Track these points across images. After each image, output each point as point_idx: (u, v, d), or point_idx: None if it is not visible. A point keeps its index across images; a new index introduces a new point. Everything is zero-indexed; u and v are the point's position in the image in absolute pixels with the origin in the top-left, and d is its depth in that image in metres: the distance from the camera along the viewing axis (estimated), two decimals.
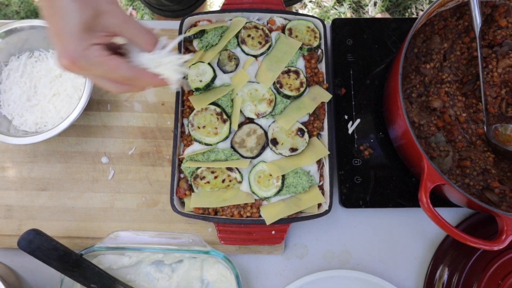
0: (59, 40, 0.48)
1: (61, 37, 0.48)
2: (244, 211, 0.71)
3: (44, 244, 0.62)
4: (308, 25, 0.79)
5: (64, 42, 0.48)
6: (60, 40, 0.48)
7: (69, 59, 0.49)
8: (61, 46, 0.48)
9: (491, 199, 0.68)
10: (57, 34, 0.48)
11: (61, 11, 0.47)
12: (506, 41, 0.74)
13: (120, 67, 0.52)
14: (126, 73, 0.52)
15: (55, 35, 0.48)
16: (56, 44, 0.49)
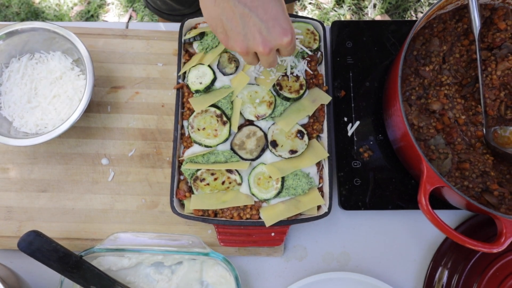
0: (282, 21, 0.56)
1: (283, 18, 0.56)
2: (243, 213, 0.71)
3: (44, 245, 0.62)
4: (307, 28, 0.79)
5: (287, 22, 0.56)
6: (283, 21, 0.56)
7: (291, 36, 0.56)
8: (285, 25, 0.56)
9: (490, 201, 0.68)
10: (279, 16, 0.55)
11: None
12: (505, 43, 0.74)
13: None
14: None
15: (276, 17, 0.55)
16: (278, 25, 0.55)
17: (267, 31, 0.56)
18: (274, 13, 0.55)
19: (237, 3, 0.54)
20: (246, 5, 0.54)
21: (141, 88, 0.83)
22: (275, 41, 0.57)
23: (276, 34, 0.56)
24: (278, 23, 0.55)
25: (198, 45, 0.77)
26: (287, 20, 0.56)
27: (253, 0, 0.54)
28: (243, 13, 0.54)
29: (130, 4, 1.91)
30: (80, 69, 0.80)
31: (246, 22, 0.55)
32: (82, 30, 0.85)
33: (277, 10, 0.55)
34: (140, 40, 0.85)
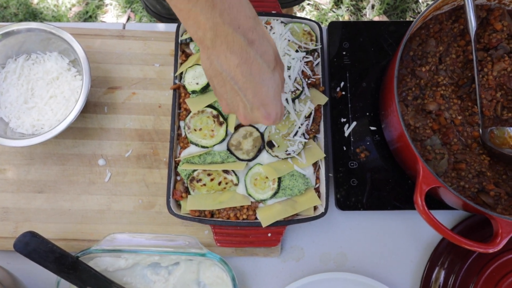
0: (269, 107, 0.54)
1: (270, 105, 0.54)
2: (240, 213, 0.71)
3: (40, 246, 0.62)
4: (304, 28, 0.79)
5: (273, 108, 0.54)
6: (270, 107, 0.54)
7: (273, 120, 0.55)
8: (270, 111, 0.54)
9: (486, 201, 0.68)
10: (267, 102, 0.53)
11: (269, 82, 0.52)
12: (501, 44, 0.74)
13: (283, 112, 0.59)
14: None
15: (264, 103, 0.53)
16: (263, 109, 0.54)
17: (250, 110, 0.54)
18: (263, 98, 0.53)
19: (229, 78, 0.51)
20: (237, 83, 0.51)
21: (138, 89, 0.83)
22: (256, 120, 0.56)
23: (258, 116, 0.55)
24: (264, 108, 0.54)
25: (195, 46, 0.77)
26: (274, 105, 0.54)
27: (245, 81, 0.51)
28: (232, 88, 0.52)
29: (128, 5, 1.91)
30: (77, 70, 0.80)
31: (233, 95, 0.53)
32: (78, 30, 0.85)
33: (267, 95, 0.53)
34: (137, 40, 0.85)
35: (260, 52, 0.50)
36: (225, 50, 0.49)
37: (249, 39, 0.49)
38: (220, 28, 0.47)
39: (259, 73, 0.51)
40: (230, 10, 0.47)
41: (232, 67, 0.50)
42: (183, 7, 0.47)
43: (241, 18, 0.48)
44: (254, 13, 0.50)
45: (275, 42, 0.76)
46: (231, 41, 0.48)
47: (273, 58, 0.52)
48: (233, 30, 0.47)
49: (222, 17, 0.47)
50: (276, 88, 0.54)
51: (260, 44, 0.50)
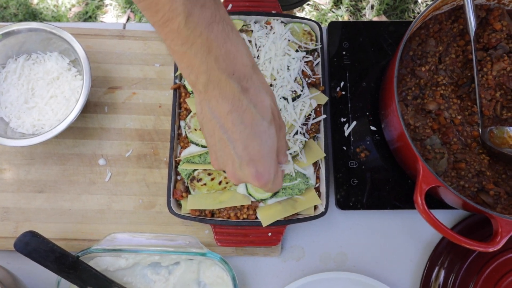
0: (260, 164, 0.49)
1: (261, 162, 0.48)
2: (240, 213, 0.71)
3: (40, 246, 0.62)
4: (304, 28, 0.80)
5: (265, 166, 0.49)
6: (261, 164, 0.49)
7: (265, 182, 0.50)
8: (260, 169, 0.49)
9: (486, 201, 0.68)
10: (258, 158, 0.48)
11: (262, 135, 0.47)
12: (501, 44, 0.74)
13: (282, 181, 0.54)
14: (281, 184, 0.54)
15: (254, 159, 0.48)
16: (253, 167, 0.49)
17: (239, 167, 0.49)
18: (254, 154, 0.48)
19: (219, 126, 0.47)
20: (227, 132, 0.47)
21: (138, 89, 0.83)
22: (245, 179, 0.50)
23: (247, 174, 0.49)
24: (254, 165, 0.48)
25: None
26: (267, 164, 0.49)
27: (235, 131, 0.46)
28: (221, 138, 0.48)
29: (128, 5, 1.91)
30: (77, 70, 0.80)
31: (223, 147, 0.49)
32: (79, 30, 0.85)
33: (258, 150, 0.47)
34: (137, 40, 0.86)
35: (254, 102, 0.47)
36: (217, 96, 0.46)
37: (243, 86, 0.46)
38: (214, 73, 0.45)
39: (252, 123, 0.47)
40: (226, 56, 0.45)
41: (223, 114, 0.46)
42: (177, 49, 0.44)
43: (237, 65, 0.45)
44: (252, 61, 0.47)
45: (275, 41, 0.76)
46: (224, 87, 0.45)
47: (269, 110, 0.48)
48: (227, 76, 0.45)
49: (217, 62, 0.44)
50: (271, 144, 0.49)
51: (255, 93, 0.47)
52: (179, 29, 0.42)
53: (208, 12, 0.43)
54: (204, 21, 0.43)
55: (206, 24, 0.43)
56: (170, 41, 0.44)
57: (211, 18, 0.43)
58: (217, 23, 0.44)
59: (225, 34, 0.44)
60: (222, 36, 0.44)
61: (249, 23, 0.79)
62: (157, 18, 0.43)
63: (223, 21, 0.45)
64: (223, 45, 0.44)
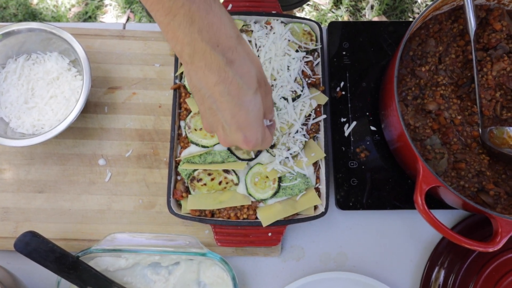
0: (247, 130, 0.51)
1: (249, 128, 0.51)
2: (240, 213, 0.71)
3: (40, 246, 0.62)
4: (304, 28, 0.80)
5: (252, 132, 0.52)
6: (248, 130, 0.51)
7: (253, 146, 0.53)
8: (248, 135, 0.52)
9: (486, 201, 0.68)
10: (246, 125, 0.51)
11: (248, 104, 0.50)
12: (501, 44, 0.74)
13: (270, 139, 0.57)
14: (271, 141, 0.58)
15: (242, 127, 0.51)
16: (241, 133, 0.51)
17: (229, 132, 0.52)
18: (241, 122, 0.50)
19: (207, 96, 0.49)
20: (215, 102, 0.49)
21: (138, 89, 0.83)
22: (235, 143, 0.53)
23: (236, 138, 0.52)
24: (242, 131, 0.51)
25: None
26: (254, 130, 0.52)
27: (223, 101, 0.49)
28: (210, 107, 0.51)
29: (128, 6, 1.91)
30: (77, 70, 0.80)
31: (212, 115, 0.52)
32: (79, 30, 0.85)
33: (245, 118, 0.50)
34: (137, 41, 0.86)
35: (240, 73, 0.48)
36: (203, 67, 0.47)
37: (228, 58, 0.47)
38: (198, 45, 0.46)
39: (238, 94, 0.48)
40: (209, 28, 0.45)
41: (210, 85, 0.48)
42: (162, 20, 0.46)
43: (221, 37, 0.46)
44: (237, 32, 0.48)
45: (275, 41, 0.76)
46: (209, 59, 0.46)
47: (255, 79, 0.50)
48: (211, 48, 0.46)
49: (200, 33, 0.45)
50: (257, 112, 0.51)
51: (240, 65, 0.48)
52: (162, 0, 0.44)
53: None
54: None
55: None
56: (155, 12, 0.45)
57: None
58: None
59: (207, 5, 0.45)
60: (204, 7, 0.45)
61: (249, 23, 0.79)
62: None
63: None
64: (206, 16, 0.45)
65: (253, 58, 0.50)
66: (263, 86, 0.52)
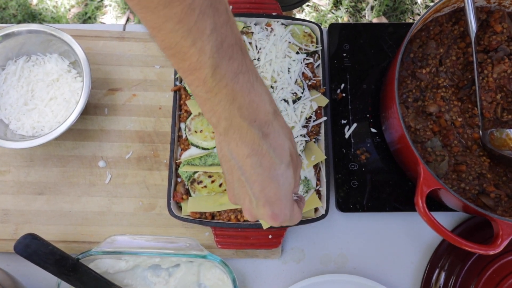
0: (276, 206, 0.49)
1: (277, 203, 0.49)
2: (241, 215, 0.71)
3: (40, 248, 0.62)
4: (305, 30, 0.80)
5: (281, 208, 0.49)
6: (277, 206, 0.49)
7: (280, 222, 0.50)
8: (276, 211, 0.49)
9: (487, 203, 0.68)
10: (274, 200, 0.49)
11: (279, 178, 0.48)
12: (501, 46, 0.74)
13: (300, 216, 0.54)
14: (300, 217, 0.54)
15: (271, 201, 0.49)
16: (269, 208, 0.49)
17: (256, 206, 0.50)
18: (270, 196, 0.48)
19: (237, 167, 0.48)
20: (245, 173, 0.48)
21: (138, 91, 0.83)
22: (261, 218, 0.51)
23: (263, 214, 0.50)
24: (270, 207, 0.49)
25: None
26: (283, 205, 0.49)
27: (253, 174, 0.47)
28: (239, 178, 0.49)
29: (127, 6, 1.91)
30: (77, 72, 0.79)
31: (240, 186, 0.50)
32: (79, 32, 0.85)
33: (275, 193, 0.48)
34: (137, 42, 0.85)
35: (273, 146, 0.47)
36: (237, 139, 0.46)
37: (264, 132, 0.46)
38: (235, 120, 0.45)
39: (270, 167, 0.47)
40: (250, 105, 0.45)
41: (242, 157, 0.47)
42: (201, 95, 0.45)
43: (260, 113, 0.46)
44: (274, 107, 0.48)
45: (276, 43, 0.76)
46: (244, 133, 0.46)
47: (288, 153, 0.49)
48: (248, 123, 0.45)
49: (240, 111, 0.45)
50: (288, 186, 0.49)
51: (274, 138, 0.47)
52: (205, 80, 0.42)
53: (235, 63, 0.43)
54: (231, 72, 0.43)
55: (233, 75, 0.43)
56: (195, 87, 0.44)
57: (238, 69, 0.43)
58: (243, 73, 0.44)
59: (250, 84, 0.45)
60: (247, 86, 0.44)
61: (249, 25, 0.79)
62: (183, 66, 0.43)
63: (248, 71, 0.45)
64: (248, 95, 0.44)
65: (287, 131, 0.50)
66: (295, 160, 0.51)
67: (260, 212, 0.50)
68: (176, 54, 0.42)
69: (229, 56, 0.43)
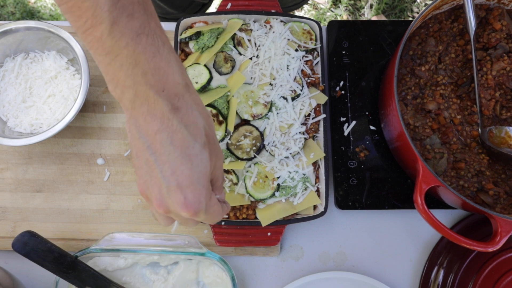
0: (189, 191, 0.44)
1: (191, 188, 0.44)
2: (240, 212, 0.71)
3: (39, 246, 0.62)
4: (304, 27, 0.79)
5: (195, 193, 0.44)
6: (190, 191, 0.44)
7: (194, 211, 0.44)
8: (189, 196, 0.44)
9: (486, 201, 0.68)
10: (187, 184, 0.43)
11: (193, 159, 0.43)
12: (500, 43, 0.74)
13: (221, 213, 0.49)
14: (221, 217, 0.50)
15: (183, 185, 0.43)
16: (181, 193, 0.44)
17: (167, 192, 0.44)
18: (183, 179, 0.43)
19: (146, 147, 0.43)
20: (155, 153, 0.43)
21: None
22: (172, 208, 0.45)
23: (174, 202, 0.44)
24: (182, 192, 0.43)
25: (194, 45, 0.76)
26: (197, 191, 0.44)
27: (163, 153, 0.42)
28: (148, 160, 0.44)
29: None
30: (76, 69, 0.79)
31: (150, 170, 0.44)
32: None
33: (188, 175, 0.43)
34: None
35: (185, 122, 0.43)
36: (145, 113, 0.42)
37: (173, 105, 0.42)
38: (141, 88, 0.41)
39: (182, 145, 0.43)
40: (155, 71, 0.41)
41: (151, 133, 0.42)
42: (101, 60, 0.41)
43: (168, 82, 0.42)
44: (186, 80, 0.44)
45: (275, 40, 0.76)
46: (152, 104, 0.42)
47: (202, 133, 0.44)
48: (155, 92, 0.41)
49: (144, 77, 0.41)
50: (203, 169, 0.44)
51: (187, 113, 0.43)
52: (103, 38, 0.39)
53: (136, 22, 0.40)
54: (131, 31, 0.40)
55: (134, 35, 0.40)
56: (94, 51, 0.41)
57: (140, 29, 0.40)
58: (146, 35, 0.41)
59: (155, 48, 0.41)
60: (151, 49, 0.41)
61: (248, 22, 0.79)
62: (79, 24, 0.39)
63: (154, 34, 0.41)
64: (152, 59, 0.41)
65: (203, 110, 0.46)
66: (213, 145, 0.46)
67: (172, 199, 0.44)
68: (72, 9, 0.39)
69: (128, 13, 0.39)
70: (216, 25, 0.77)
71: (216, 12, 0.79)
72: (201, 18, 0.78)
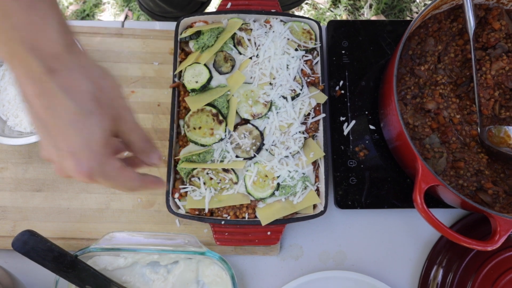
0: (78, 157, 0.42)
1: (83, 154, 0.42)
2: (239, 212, 0.71)
3: (38, 245, 0.61)
4: (304, 27, 0.79)
5: (82, 160, 0.42)
6: (76, 158, 0.42)
7: (87, 176, 0.43)
8: (79, 162, 0.42)
9: (485, 200, 0.68)
10: (77, 151, 0.42)
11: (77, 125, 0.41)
12: (500, 43, 0.74)
13: (133, 180, 0.47)
14: (137, 184, 0.48)
15: (74, 151, 0.42)
16: (73, 159, 0.42)
17: (61, 159, 0.43)
18: (72, 144, 0.42)
19: (33, 113, 0.41)
20: (41, 120, 0.41)
21: (137, 87, 0.83)
22: (69, 173, 0.44)
23: (67, 168, 0.43)
24: (73, 158, 0.42)
25: (194, 44, 0.77)
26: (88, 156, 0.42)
27: (47, 119, 0.40)
28: (38, 126, 0.42)
29: (126, 4, 1.91)
30: None
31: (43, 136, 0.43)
32: (77, 28, 0.84)
33: (76, 141, 0.41)
34: (136, 39, 0.85)
35: (65, 86, 0.40)
36: (23, 75, 0.39)
37: (50, 67, 0.39)
38: (12, 46, 0.38)
39: (64, 111, 0.41)
40: (28, 27, 0.38)
41: (32, 97, 0.40)
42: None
43: (42, 40, 0.39)
44: (68, 39, 0.41)
45: (275, 40, 0.76)
46: (26, 64, 0.39)
47: (87, 96, 0.41)
48: (27, 50, 0.38)
49: (15, 31, 0.37)
50: (91, 135, 0.42)
51: (66, 76, 0.40)
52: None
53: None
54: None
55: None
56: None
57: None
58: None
59: (29, 0, 0.38)
60: (25, 2, 0.38)
61: (248, 22, 0.79)
62: None
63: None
64: (25, 12, 0.37)
65: (90, 73, 0.42)
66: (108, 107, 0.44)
67: (65, 165, 0.43)
68: None
69: None
70: (216, 25, 0.77)
71: (216, 11, 0.79)
72: (201, 17, 0.78)
